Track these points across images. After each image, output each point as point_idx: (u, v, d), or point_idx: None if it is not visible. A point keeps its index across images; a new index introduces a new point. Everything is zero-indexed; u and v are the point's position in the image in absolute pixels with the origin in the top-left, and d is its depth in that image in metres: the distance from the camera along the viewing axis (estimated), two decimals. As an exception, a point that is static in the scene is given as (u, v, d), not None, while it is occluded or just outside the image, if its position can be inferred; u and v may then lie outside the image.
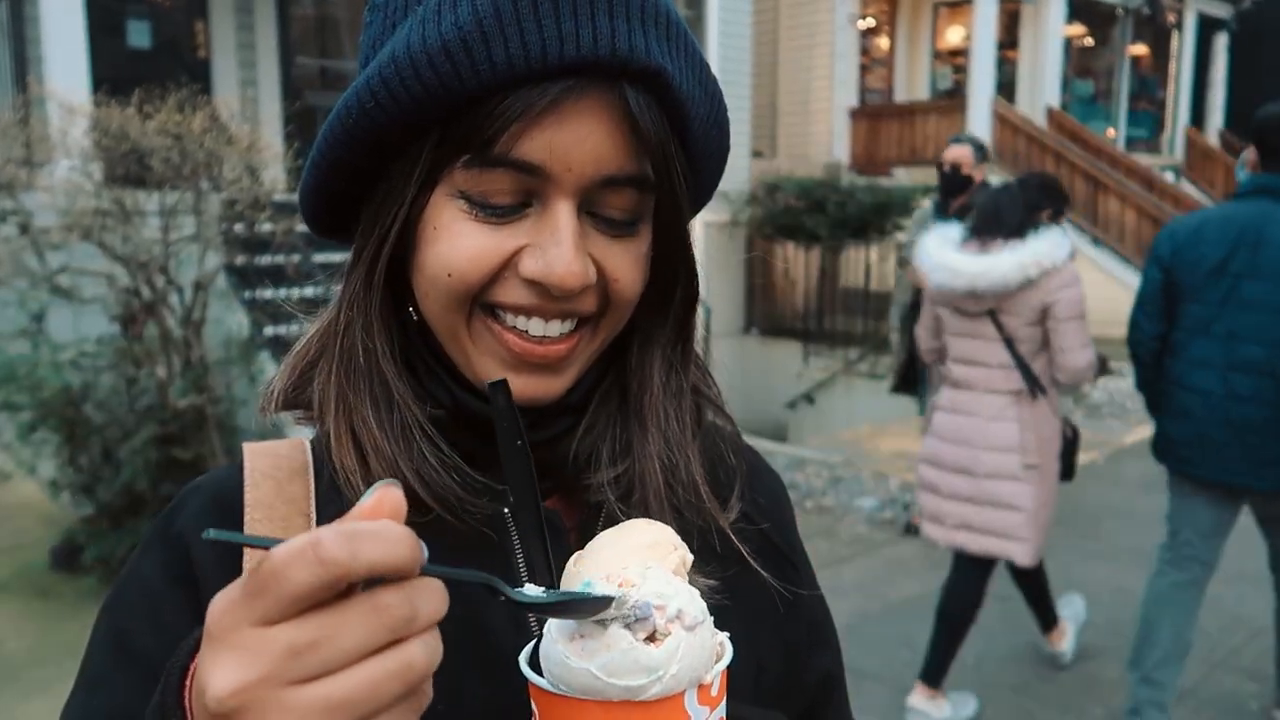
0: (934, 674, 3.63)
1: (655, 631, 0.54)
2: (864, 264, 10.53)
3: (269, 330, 6.18)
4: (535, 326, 0.68)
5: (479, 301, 0.68)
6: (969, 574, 3.62)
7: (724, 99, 0.73)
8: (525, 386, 0.69)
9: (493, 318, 0.69)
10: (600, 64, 0.62)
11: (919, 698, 3.63)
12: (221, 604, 0.43)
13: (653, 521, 0.63)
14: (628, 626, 0.53)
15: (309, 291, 6.22)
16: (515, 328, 0.68)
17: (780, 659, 0.81)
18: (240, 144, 5.41)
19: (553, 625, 0.56)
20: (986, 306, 3.42)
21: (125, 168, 5.22)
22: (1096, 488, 6.55)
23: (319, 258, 6.25)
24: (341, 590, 0.42)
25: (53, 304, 5.32)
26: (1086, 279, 3.60)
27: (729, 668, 0.58)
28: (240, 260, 5.99)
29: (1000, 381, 3.46)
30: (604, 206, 0.68)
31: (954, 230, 3.56)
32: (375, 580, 0.42)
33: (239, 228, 5.61)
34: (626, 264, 0.69)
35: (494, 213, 0.66)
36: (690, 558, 0.61)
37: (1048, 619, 4.05)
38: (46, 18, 6.67)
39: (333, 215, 0.75)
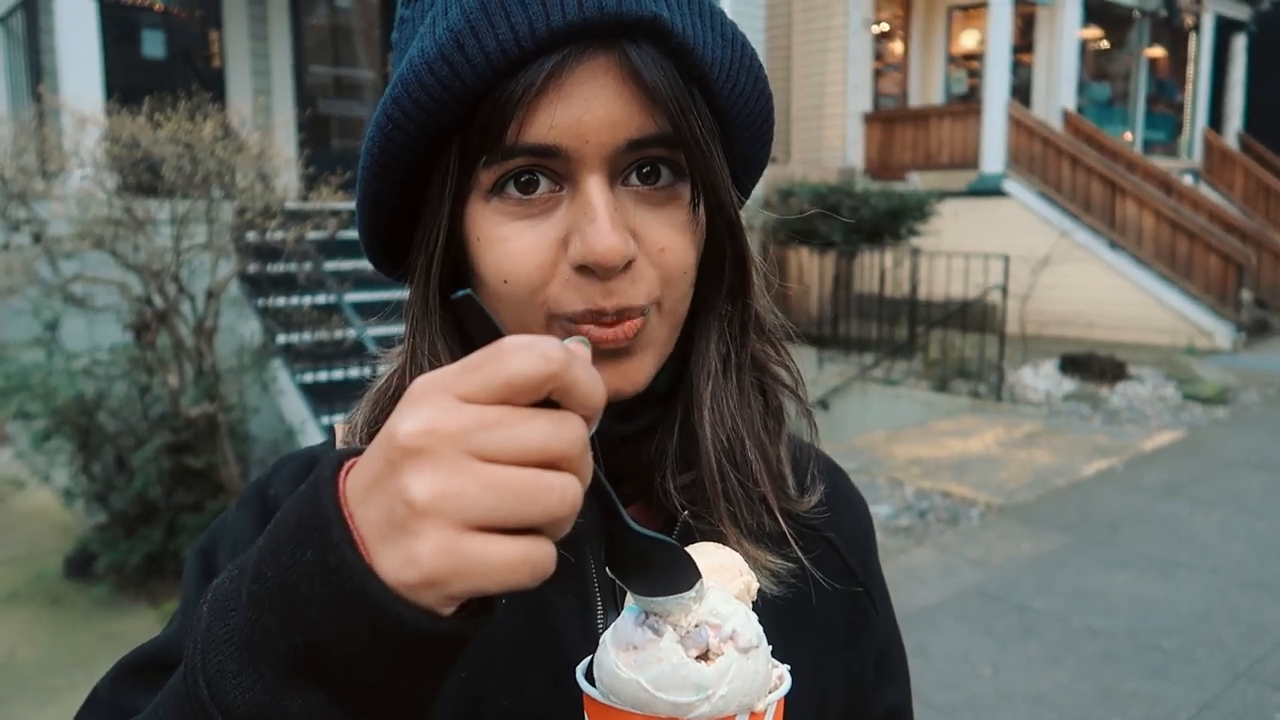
0: None
1: (709, 650, 0.53)
2: (879, 269, 10.47)
3: (281, 338, 6.18)
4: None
5: (547, 314, 0.67)
6: None
7: (748, 44, 0.69)
8: (607, 379, 0.65)
9: (562, 327, 0.68)
10: (592, 25, 0.61)
11: None
12: (428, 377, 0.45)
13: (721, 546, 0.62)
14: (681, 642, 0.53)
15: (321, 299, 6.25)
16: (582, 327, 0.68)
17: (843, 689, 0.79)
18: (250, 151, 5.42)
19: (609, 635, 0.56)
20: None
21: (137, 176, 5.25)
22: (1115, 494, 6.48)
23: (330, 265, 6.26)
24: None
25: (66, 312, 5.34)
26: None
27: (787, 697, 0.57)
28: (252, 268, 6.00)
29: None
30: (636, 174, 0.66)
31: None
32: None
33: (251, 235, 5.62)
34: (672, 232, 0.67)
35: (526, 202, 0.65)
36: (756, 585, 0.61)
37: None
38: (61, 28, 6.71)
39: (397, 257, 0.75)
